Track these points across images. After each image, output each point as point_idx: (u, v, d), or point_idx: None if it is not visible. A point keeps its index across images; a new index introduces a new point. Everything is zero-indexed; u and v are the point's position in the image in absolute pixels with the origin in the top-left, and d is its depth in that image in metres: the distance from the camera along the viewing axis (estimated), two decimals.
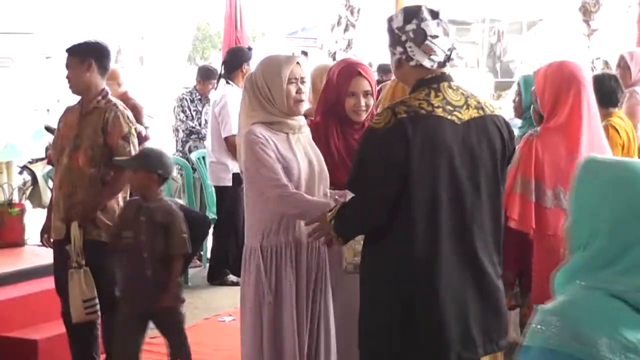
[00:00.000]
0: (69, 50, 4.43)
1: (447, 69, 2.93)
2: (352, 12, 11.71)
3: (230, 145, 6.42)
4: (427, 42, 2.82)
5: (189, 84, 8.97)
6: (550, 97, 3.64)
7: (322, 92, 3.83)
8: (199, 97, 7.97)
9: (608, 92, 4.75)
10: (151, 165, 4.11)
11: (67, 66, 4.40)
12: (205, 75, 8.04)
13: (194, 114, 7.92)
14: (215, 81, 7.41)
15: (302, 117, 3.60)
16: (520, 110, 4.62)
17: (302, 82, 3.48)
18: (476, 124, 2.84)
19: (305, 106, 3.62)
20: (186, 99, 7.97)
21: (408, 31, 2.82)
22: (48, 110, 9.63)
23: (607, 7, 10.17)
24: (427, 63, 2.82)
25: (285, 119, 3.49)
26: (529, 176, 3.56)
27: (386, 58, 3.20)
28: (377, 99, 3.79)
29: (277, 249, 3.47)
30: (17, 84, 7.51)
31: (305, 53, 16.54)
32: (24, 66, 7.58)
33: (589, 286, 1.49)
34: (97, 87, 4.38)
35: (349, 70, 3.70)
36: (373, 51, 11.34)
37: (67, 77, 4.41)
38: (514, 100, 4.71)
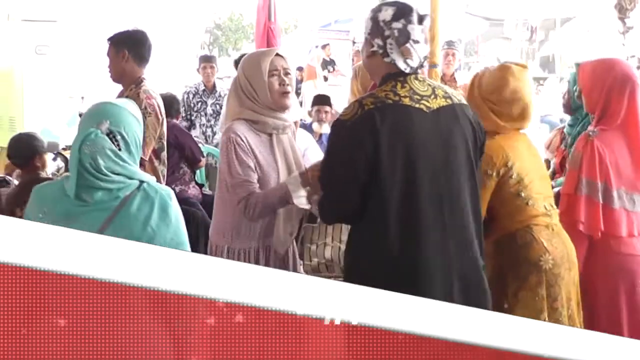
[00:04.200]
0: (109, 40, 4.54)
1: None
2: None
3: None
4: (407, 45, 2.80)
5: (219, 74, 9.02)
6: (602, 96, 3.58)
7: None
8: (204, 88, 7.94)
9: None
10: (10, 153, 4.77)
11: (107, 55, 4.53)
12: (204, 59, 8.05)
13: (197, 106, 7.89)
14: (215, 65, 7.58)
15: (290, 116, 3.42)
16: (570, 107, 4.58)
17: (286, 74, 3.29)
18: (446, 112, 2.82)
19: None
20: (190, 93, 7.92)
21: (393, 29, 2.81)
22: (82, 97, 9.73)
23: None
24: (401, 65, 2.81)
25: (271, 117, 3.29)
26: (594, 178, 3.48)
27: None
28: None
29: (246, 253, 3.30)
30: (53, 71, 7.61)
31: (324, 46, 16.55)
32: (60, 54, 7.68)
33: None
34: (133, 76, 4.47)
35: None
36: None
37: (108, 65, 4.53)
38: (563, 97, 4.66)
